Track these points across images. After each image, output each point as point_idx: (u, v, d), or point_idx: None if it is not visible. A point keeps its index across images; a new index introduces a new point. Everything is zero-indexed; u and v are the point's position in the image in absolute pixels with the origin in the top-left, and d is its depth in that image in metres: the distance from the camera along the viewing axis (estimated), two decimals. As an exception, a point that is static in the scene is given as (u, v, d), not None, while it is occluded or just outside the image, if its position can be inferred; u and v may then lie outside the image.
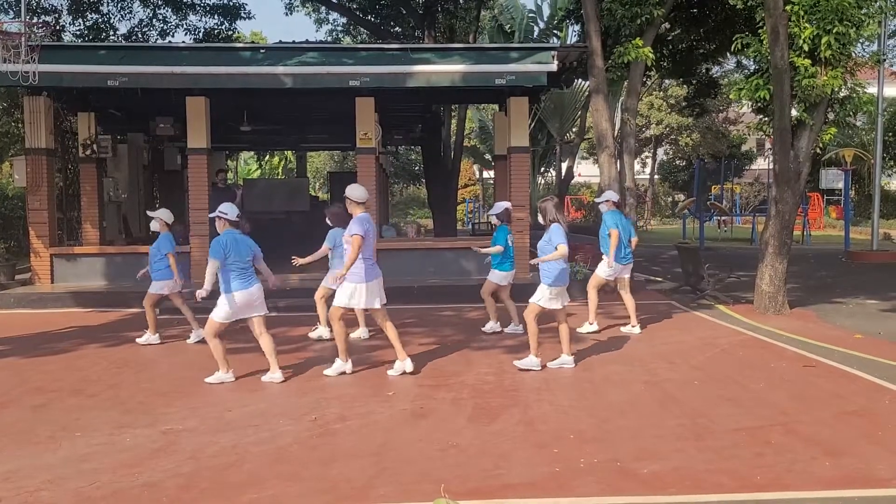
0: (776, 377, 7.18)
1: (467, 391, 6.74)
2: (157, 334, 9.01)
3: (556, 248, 7.31)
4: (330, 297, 8.19)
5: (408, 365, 7.30)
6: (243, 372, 7.46)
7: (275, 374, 7.14)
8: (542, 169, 30.12)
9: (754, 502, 4.35)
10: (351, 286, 7.15)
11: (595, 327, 9.54)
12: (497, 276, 9.21)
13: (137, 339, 9.01)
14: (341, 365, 7.34)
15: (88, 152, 14.29)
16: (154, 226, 9.07)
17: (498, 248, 9.09)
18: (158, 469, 4.88)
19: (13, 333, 9.66)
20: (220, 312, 7.01)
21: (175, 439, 5.48)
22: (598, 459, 4.99)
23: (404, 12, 22.58)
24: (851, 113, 11.37)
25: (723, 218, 27.91)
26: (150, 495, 4.48)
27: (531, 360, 7.43)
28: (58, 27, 18.80)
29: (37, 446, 5.34)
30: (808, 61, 10.24)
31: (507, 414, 6.06)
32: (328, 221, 8.81)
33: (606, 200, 9.63)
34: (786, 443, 5.30)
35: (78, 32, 19.93)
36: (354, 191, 7.39)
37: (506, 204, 9.49)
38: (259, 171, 39.16)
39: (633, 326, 9.52)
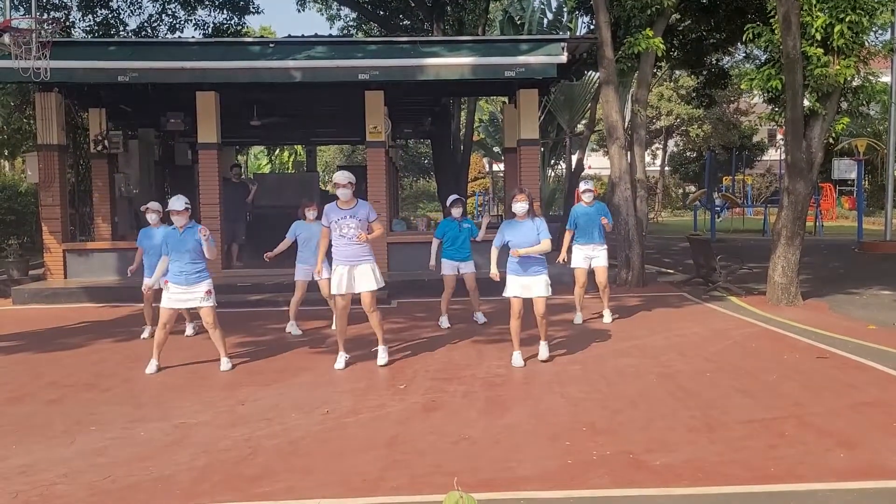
0: (789, 368, 7.14)
1: (479, 384, 6.74)
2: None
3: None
4: None
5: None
6: (254, 366, 7.49)
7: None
8: (552, 161, 29.97)
9: (768, 494, 4.33)
10: None
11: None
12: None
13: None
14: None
15: (100, 148, 14.34)
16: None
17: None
18: (172, 462, 4.91)
19: (27, 328, 9.73)
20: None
21: (188, 433, 5.51)
22: (611, 451, 4.98)
23: (413, 5, 22.54)
24: (864, 102, 11.28)
25: (718, 208, 27.66)
26: (164, 488, 4.51)
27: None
28: (68, 23, 18.89)
29: (52, 440, 5.39)
30: (820, 50, 10.16)
31: (519, 406, 6.06)
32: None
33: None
34: (799, 434, 5.27)
35: (88, 28, 20.03)
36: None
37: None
38: (269, 165, 39.23)
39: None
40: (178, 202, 7.35)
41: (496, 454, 4.99)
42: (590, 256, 9.64)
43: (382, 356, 7.48)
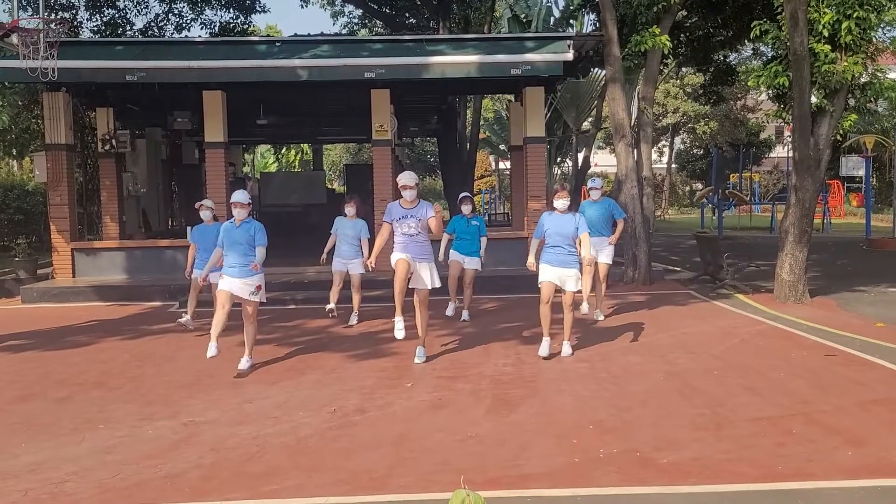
0: (796, 366, 7.13)
1: (486, 382, 6.75)
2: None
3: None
4: None
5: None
6: (261, 364, 7.50)
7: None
8: (559, 159, 29.96)
9: (776, 492, 4.32)
10: None
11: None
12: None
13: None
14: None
15: (107, 147, 14.39)
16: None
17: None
18: (180, 460, 4.93)
19: (36, 327, 9.78)
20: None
21: (196, 431, 5.53)
22: (618, 449, 4.98)
23: (419, 3, 22.53)
24: (872, 99, 11.24)
25: (725, 206, 27.57)
26: (173, 486, 4.53)
27: None
28: (75, 23, 18.95)
29: (61, 438, 5.41)
30: (827, 47, 10.12)
31: (526, 405, 6.06)
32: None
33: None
34: (807, 432, 5.26)
35: (95, 28, 20.08)
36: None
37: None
38: (276, 164, 39.31)
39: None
40: (242, 195, 7.44)
41: (503, 452, 4.99)
42: (596, 250, 9.72)
43: (420, 356, 7.48)
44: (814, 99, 10.50)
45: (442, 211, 8.59)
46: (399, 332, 7.49)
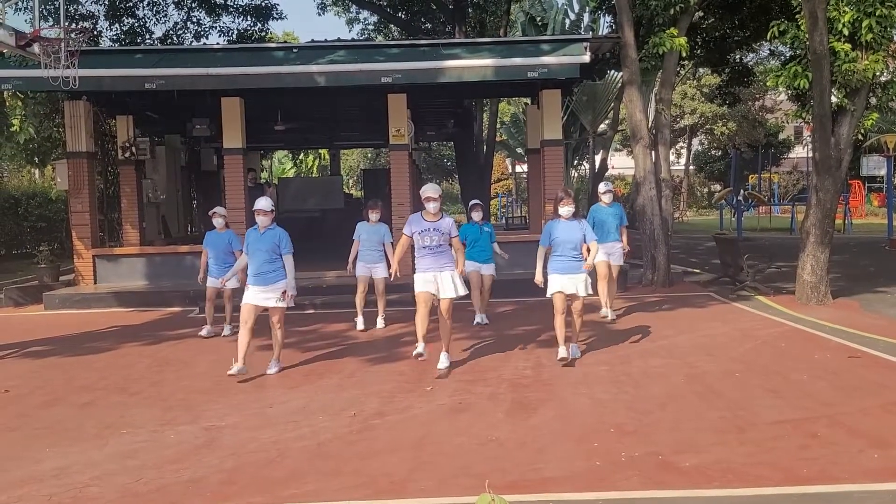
0: (819, 368, 7.05)
1: (505, 385, 6.73)
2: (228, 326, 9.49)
3: None
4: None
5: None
6: (283, 368, 7.53)
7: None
8: (576, 162, 29.89)
9: (800, 495, 4.27)
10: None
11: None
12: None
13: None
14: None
15: (127, 154, 14.54)
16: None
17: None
18: (201, 465, 4.96)
19: (59, 333, 9.89)
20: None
21: (217, 435, 5.56)
22: (639, 453, 4.94)
23: (434, 8, 22.58)
24: (894, 97, 11.11)
25: (744, 207, 27.32)
26: (194, 490, 4.56)
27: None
28: (95, 32, 19.15)
29: (84, 443, 5.47)
30: (848, 46, 10.02)
31: (545, 408, 6.04)
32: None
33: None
34: (831, 434, 5.20)
35: (115, 37, 20.29)
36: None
37: None
38: (294, 169, 39.52)
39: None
40: (265, 202, 7.49)
41: (523, 455, 4.97)
42: (608, 252, 9.70)
43: (444, 362, 7.38)
44: (834, 98, 10.40)
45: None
46: (422, 355, 7.48)
